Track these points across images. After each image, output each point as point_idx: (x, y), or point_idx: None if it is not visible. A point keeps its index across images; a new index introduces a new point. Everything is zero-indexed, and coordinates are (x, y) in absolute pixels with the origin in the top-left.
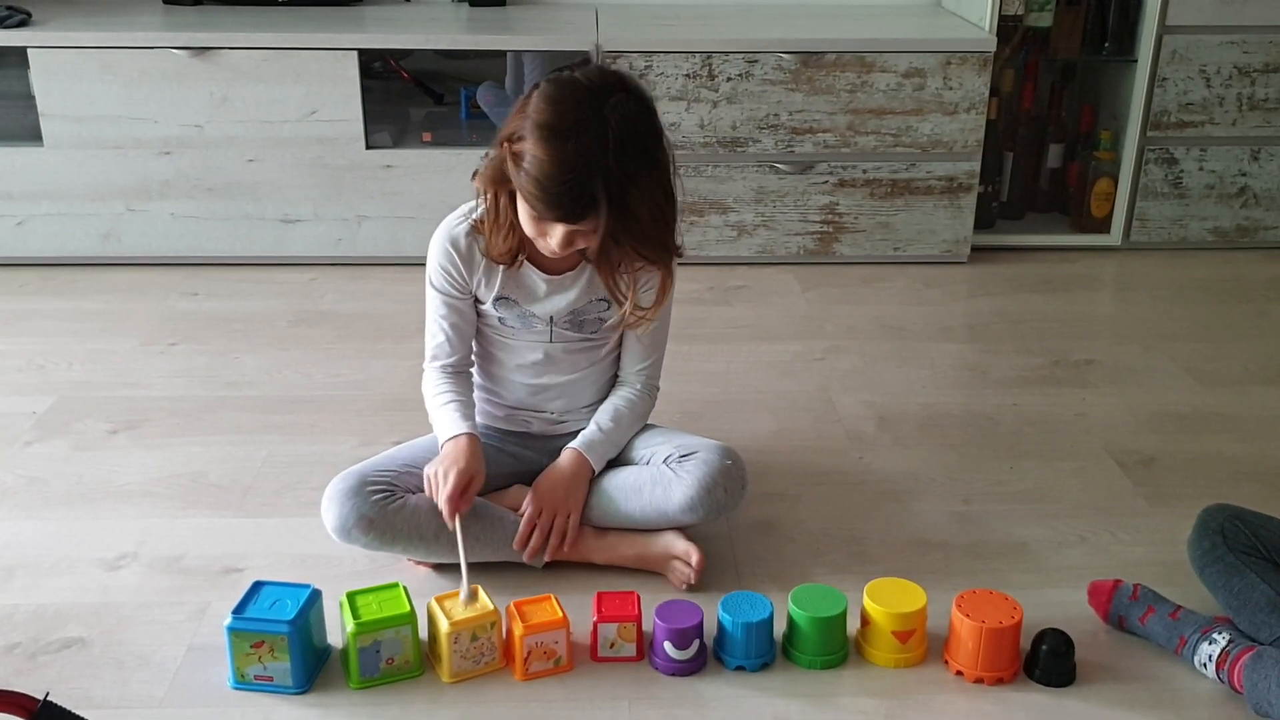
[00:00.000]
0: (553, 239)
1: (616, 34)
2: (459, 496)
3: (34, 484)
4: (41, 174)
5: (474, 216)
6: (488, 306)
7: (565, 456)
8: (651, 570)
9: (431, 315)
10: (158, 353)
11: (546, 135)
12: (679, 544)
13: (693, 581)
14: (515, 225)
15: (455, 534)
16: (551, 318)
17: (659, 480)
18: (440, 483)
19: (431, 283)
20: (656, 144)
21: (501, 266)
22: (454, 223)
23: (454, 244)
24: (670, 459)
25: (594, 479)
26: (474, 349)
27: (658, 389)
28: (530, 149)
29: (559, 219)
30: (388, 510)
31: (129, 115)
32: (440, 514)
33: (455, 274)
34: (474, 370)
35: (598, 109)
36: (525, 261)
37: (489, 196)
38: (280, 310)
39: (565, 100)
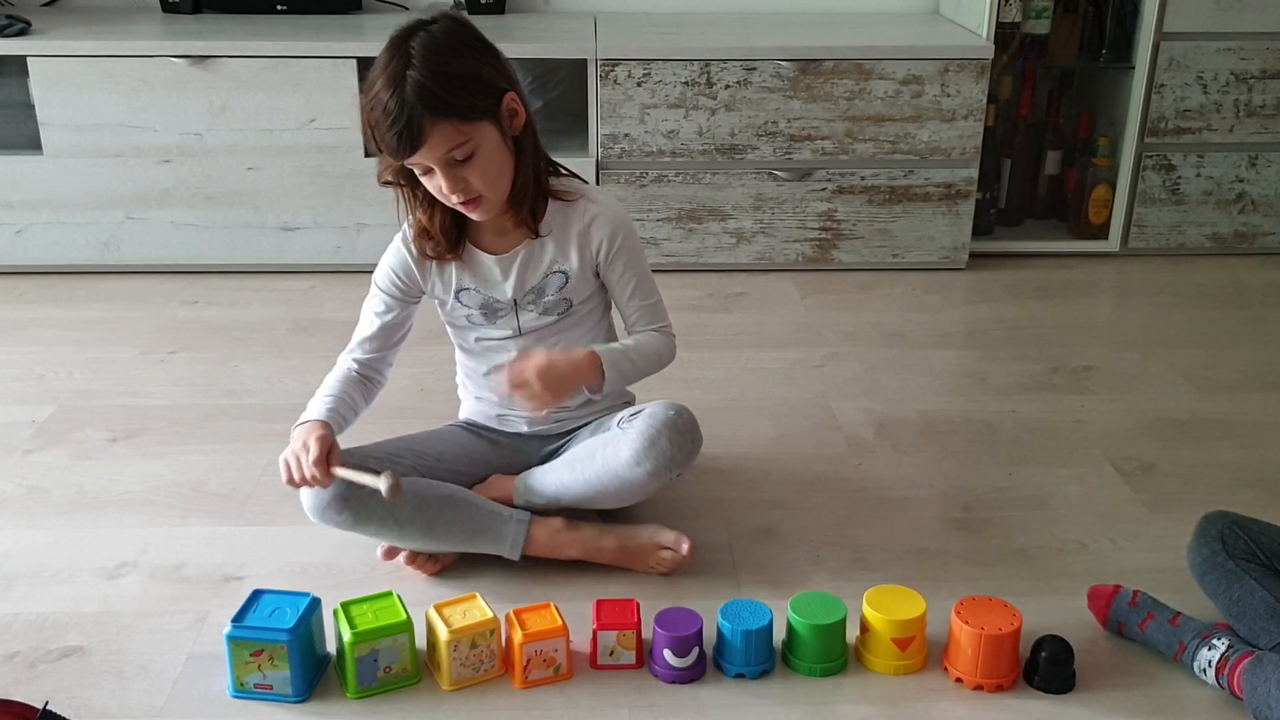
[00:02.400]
0: (433, 184)
1: (615, 42)
2: (325, 460)
3: (34, 493)
4: (41, 182)
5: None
6: (452, 304)
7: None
8: (634, 566)
9: (366, 309)
10: (157, 361)
11: (368, 85)
12: (665, 534)
13: (686, 563)
14: (434, 218)
15: (342, 478)
16: (515, 301)
17: (609, 442)
18: (303, 454)
19: (376, 284)
20: (468, 48)
21: (452, 262)
22: (406, 226)
23: (407, 246)
24: (621, 420)
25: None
26: (461, 360)
27: (673, 336)
28: (363, 107)
29: (403, 151)
30: (362, 492)
31: (128, 124)
32: (433, 501)
33: (404, 277)
34: (460, 372)
35: (404, 44)
36: (470, 246)
37: (399, 201)
38: (280, 318)
39: (380, 54)
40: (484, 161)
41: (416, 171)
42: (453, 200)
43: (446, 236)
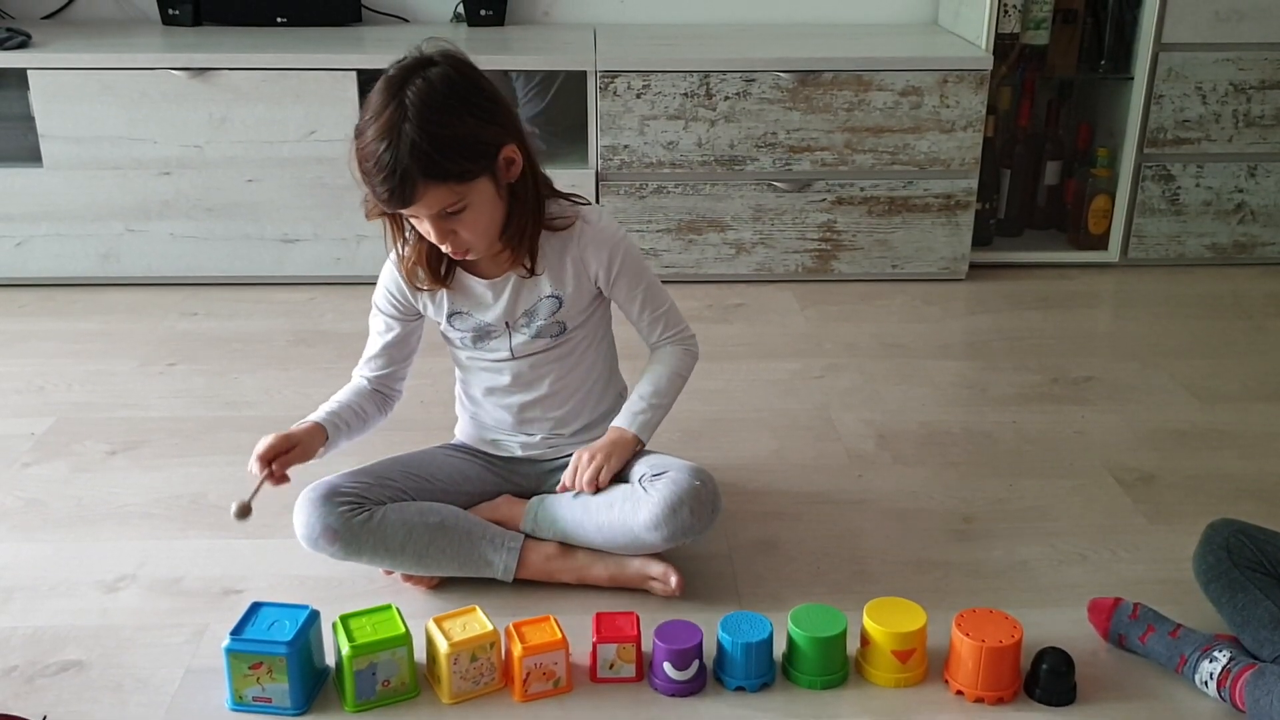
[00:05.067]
0: (422, 227)
1: (614, 53)
2: (270, 454)
3: (33, 505)
4: (41, 195)
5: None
6: (445, 327)
7: (612, 433)
8: (626, 589)
9: (372, 332)
10: (157, 373)
11: (359, 131)
12: (654, 566)
13: (677, 594)
14: (423, 254)
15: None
16: (507, 324)
17: (629, 496)
18: (259, 445)
19: (376, 306)
20: (467, 104)
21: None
22: (397, 248)
23: (398, 267)
24: (644, 478)
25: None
26: (459, 376)
27: (692, 337)
28: (354, 151)
29: (394, 204)
30: (353, 522)
31: (128, 136)
32: (422, 530)
33: (399, 297)
34: (459, 395)
35: (399, 90)
36: (460, 272)
37: (387, 237)
38: (280, 330)
39: (373, 95)
40: (474, 215)
41: (404, 213)
42: (443, 247)
43: (433, 271)
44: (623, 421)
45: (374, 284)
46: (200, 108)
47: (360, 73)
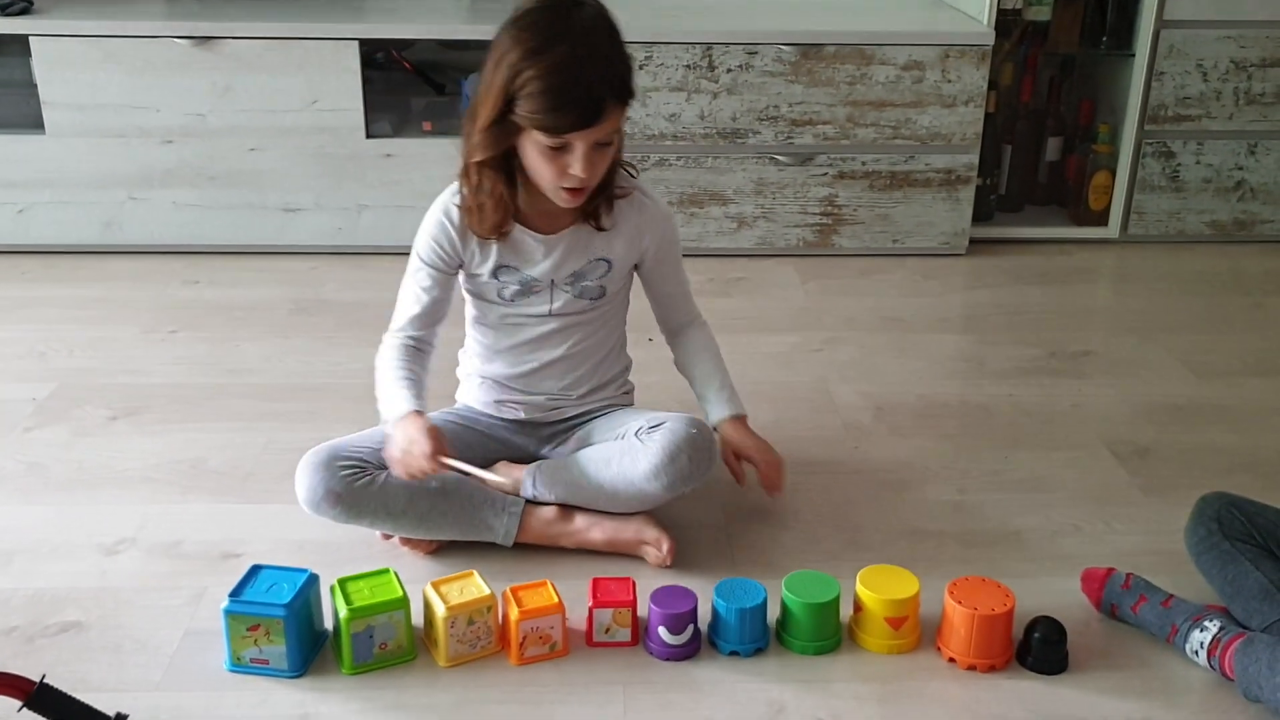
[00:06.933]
0: (575, 164)
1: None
2: (437, 454)
3: (34, 469)
4: (43, 162)
5: (459, 199)
6: (487, 279)
7: (725, 428)
8: (623, 554)
9: (410, 286)
10: (159, 340)
11: (537, 52)
12: (649, 531)
13: (667, 564)
14: (503, 198)
15: (457, 472)
16: (553, 281)
17: (627, 451)
18: (415, 452)
19: (419, 255)
20: (620, 37)
21: (495, 240)
22: (449, 198)
23: (449, 216)
24: (640, 430)
25: (572, 452)
26: (475, 334)
27: (704, 319)
28: (529, 76)
29: (580, 124)
30: (355, 486)
31: (131, 104)
32: (424, 494)
33: (447, 247)
34: (468, 355)
35: (567, 17)
36: (515, 224)
37: (472, 177)
38: (281, 298)
39: (537, 22)
40: (612, 149)
41: (541, 146)
42: (567, 182)
43: (498, 224)
44: (727, 410)
45: (375, 253)
46: (203, 76)
47: (362, 42)
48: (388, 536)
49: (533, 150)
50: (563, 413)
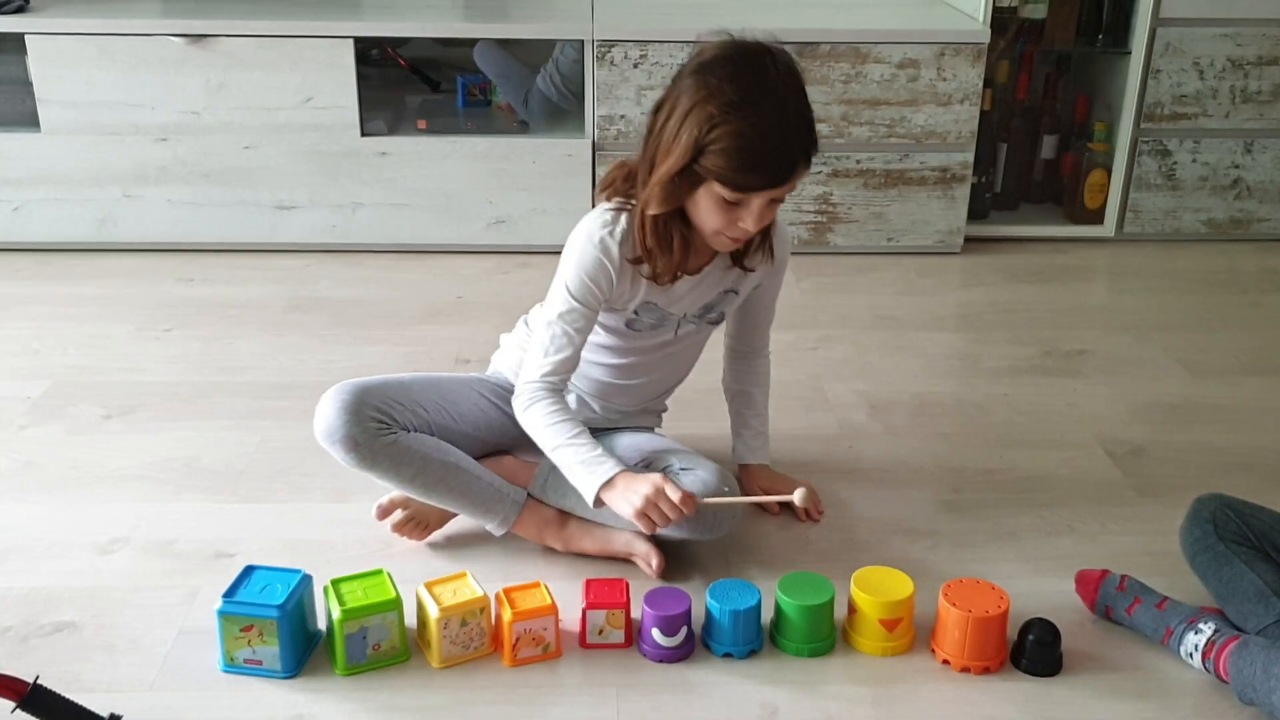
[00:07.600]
0: (749, 219)
1: (612, 22)
2: (688, 499)
3: (28, 468)
4: (38, 159)
5: (618, 236)
6: (627, 315)
7: (753, 469)
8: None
9: (560, 327)
10: (153, 338)
11: (735, 108)
12: (639, 545)
13: (655, 577)
14: (685, 242)
15: (723, 503)
16: (685, 314)
17: None
18: (660, 499)
19: (572, 294)
20: (805, 90)
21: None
22: (601, 231)
23: (608, 256)
24: (670, 470)
25: None
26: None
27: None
28: (726, 131)
29: (769, 185)
30: (377, 440)
31: (126, 101)
32: (437, 465)
33: (605, 286)
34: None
35: (765, 71)
36: None
37: (649, 223)
38: (275, 296)
39: (735, 75)
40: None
41: (717, 198)
42: (734, 233)
43: (686, 257)
44: (759, 459)
45: (368, 251)
46: (198, 74)
47: (357, 40)
48: (384, 515)
49: (706, 199)
50: (610, 424)
